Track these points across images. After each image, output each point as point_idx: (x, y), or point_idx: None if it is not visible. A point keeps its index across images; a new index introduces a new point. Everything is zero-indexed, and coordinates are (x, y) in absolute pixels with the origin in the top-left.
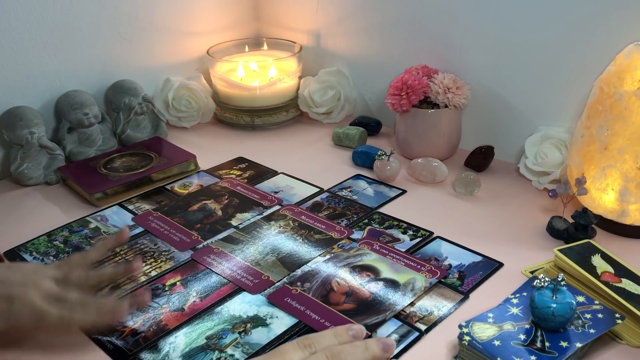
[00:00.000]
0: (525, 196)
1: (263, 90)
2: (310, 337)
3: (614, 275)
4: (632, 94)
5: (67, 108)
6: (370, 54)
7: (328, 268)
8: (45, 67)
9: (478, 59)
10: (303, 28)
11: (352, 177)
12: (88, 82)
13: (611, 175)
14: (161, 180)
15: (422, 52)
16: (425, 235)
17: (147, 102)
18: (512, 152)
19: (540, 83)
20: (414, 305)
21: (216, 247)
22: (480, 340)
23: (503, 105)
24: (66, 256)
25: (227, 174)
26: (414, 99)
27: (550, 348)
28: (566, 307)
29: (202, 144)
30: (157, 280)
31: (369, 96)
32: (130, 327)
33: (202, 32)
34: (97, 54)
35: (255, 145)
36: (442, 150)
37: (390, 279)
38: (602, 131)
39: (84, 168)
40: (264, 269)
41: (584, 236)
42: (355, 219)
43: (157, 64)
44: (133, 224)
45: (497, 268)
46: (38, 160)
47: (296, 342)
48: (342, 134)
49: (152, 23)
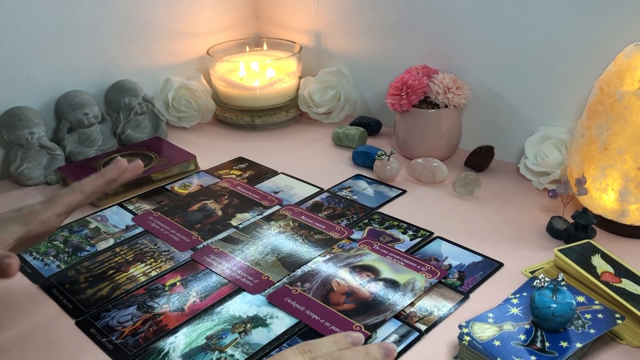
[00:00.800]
0: (525, 196)
1: (263, 90)
2: (310, 343)
3: (614, 276)
4: (632, 94)
5: (67, 108)
6: (370, 54)
7: (328, 268)
8: (45, 67)
9: (478, 59)
10: (303, 28)
11: (352, 177)
12: (88, 82)
13: (611, 175)
14: (161, 180)
15: (422, 52)
16: (425, 235)
17: (147, 102)
18: (512, 152)
19: (540, 83)
20: (414, 306)
21: (216, 247)
22: (480, 341)
23: (503, 105)
24: (66, 256)
25: (227, 174)
26: (414, 99)
27: (550, 348)
28: (566, 307)
29: (202, 144)
30: (157, 280)
31: (369, 96)
32: (130, 327)
33: (202, 32)
34: (97, 54)
35: (255, 145)
36: (442, 150)
37: (390, 279)
38: (602, 131)
39: (84, 168)
40: (264, 269)
41: (584, 236)
42: (355, 219)
43: (157, 64)
44: (133, 224)
45: (497, 268)
46: (38, 161)
47: (296, 348)
48: (342, 134)
49: (152, 23)
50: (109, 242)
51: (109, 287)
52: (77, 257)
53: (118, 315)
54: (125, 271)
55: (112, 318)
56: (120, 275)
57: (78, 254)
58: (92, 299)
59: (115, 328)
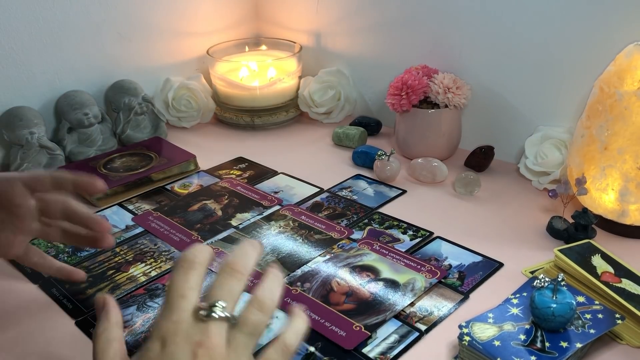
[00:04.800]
0: (525, 196)
1: (263, 90)
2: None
3: (614, 276)
4: (632, 94)
5: (67, 108)
6: (370, 54)
7: (328, 268)
8: (45, 67)
9: (478, 59)
10: (303, 28)
11: (352, 177)
12: (88, 82)
13: (611, 175)
14: (161, 180)
15: (422, 52)
16: (425, 235)
17: (147, 102)
18: (512, 152)
19: (540, 83)
20: (414, 306)
21: (216, 247)
22: (480, 341)
23: (503, 105)
24: (66, 256)
25: (227, 174)
26: (414, 99)
27: (550, 348)
28: (566, 308)
29: (202, 144)
30: (157, 280)
31: (369, 96)
32: (130, 327)
33: (202, 32)
34: (97, 54)
35: (255, 145)
36: (442, 150)
37: (390, 279)
38: (602, 131)
39: (84, 168)
40: (264, 269)
41: (584, 236)
42: (355, 219)
43: (157, 64)
44: (133, 224)
45: (497, 268)
46: (38, 161)
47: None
48: (342, 134)
49: (152, 23)
50: None
51: (108, 287)
52: (77, 257)
53: None
54: (125, 271)
55: None
56: (120, 275)
57: (78, 254)
58: (92, 299)
59: None
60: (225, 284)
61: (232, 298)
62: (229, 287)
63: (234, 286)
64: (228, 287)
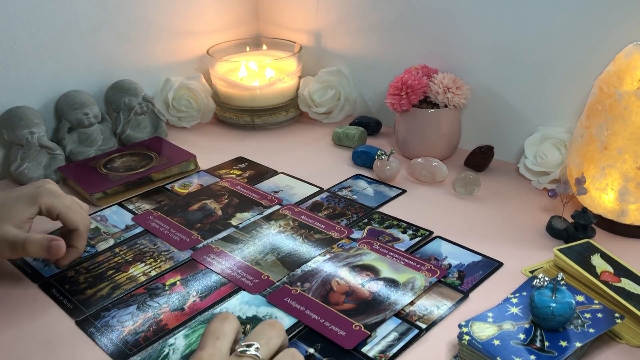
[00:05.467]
0: (525, 196)
1: (263, 90)
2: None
3: (613, 275)
4: (631, 93)
5: (67, 108)
6: (370, 54)
7: (328, 268)
8: (45, 67)
9: (478, 59)
10: (303, 28)
11: (352, 176)
12: (88, 82)
13: (611, 175)
14: (161, 180)
15: (422, 52)
16: (425, 234)
17: (147, 102)
18: (512, 152)
19: (540, 83)
20: (413, 305)
21: (216, 246)
22: (479, 340)
23: (503, 105)
24: None
25: (227, 173)
26: (413, 99)
27: (549, 347)
28: (566, 307)
29: (202, 144)
30: (157, 279)
31: (369, 96)
32: (130, 326)
33: (202, 32)
34: (97, 54)
35: (255, 145)
36: (442, 150)
37: (390, 278)
38: (602, 131)
39: (84, 168)
40: (263, 268)
41: (584, 236)
42: (355, 219)
43: (157, 64)
44: (133, 223)
45: (497, 268)
46: (38, 160)
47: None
48: (342, 134)
49: (152, 23)
50: (109, 242)
51: (108, 287)
52: (76, 258)
53: (118, 314)
54: (125, 271)
55: (112, 317)
56: (120, 275)
57: None
58: (92, 299)
59: (115, 327)
60: (265, 332)
61: (268, 346)
62: (268, 336)
63: (272, 337)
64: (267, 336)
